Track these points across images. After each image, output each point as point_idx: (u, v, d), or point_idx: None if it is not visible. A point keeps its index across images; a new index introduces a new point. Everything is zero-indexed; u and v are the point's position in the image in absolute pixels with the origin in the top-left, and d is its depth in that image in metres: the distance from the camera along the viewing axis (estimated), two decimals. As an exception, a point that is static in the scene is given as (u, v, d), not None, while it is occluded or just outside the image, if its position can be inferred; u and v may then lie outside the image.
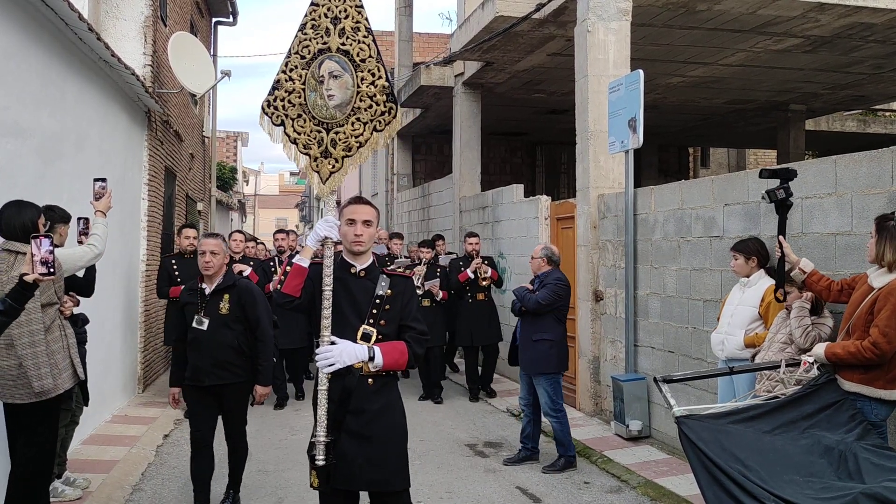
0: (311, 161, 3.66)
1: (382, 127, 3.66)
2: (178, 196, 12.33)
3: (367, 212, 3.58)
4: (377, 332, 3.51)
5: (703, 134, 18.22)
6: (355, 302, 3.53)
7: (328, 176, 3.67)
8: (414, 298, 3.66)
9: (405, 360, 3.52)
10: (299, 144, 3.66)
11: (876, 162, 4.76)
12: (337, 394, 3.42)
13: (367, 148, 3.66)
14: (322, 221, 3.53)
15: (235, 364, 5.10)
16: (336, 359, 3.37)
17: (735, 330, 5.45)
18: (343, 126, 3.64)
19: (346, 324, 3.49)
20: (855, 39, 10.38)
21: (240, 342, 5.11)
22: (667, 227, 7.05)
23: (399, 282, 3.63)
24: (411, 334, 3.58)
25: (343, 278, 3.53)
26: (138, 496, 5.85)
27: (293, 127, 3.65)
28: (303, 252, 3.58)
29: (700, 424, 3.95)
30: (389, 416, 3.55)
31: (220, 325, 5.07)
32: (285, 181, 72.45)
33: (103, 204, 5.18)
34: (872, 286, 4.12)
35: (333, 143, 3.64)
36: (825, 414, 4.02)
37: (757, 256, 5.47)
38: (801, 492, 3.48)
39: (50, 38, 6.05)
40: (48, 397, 4.30)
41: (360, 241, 3.54)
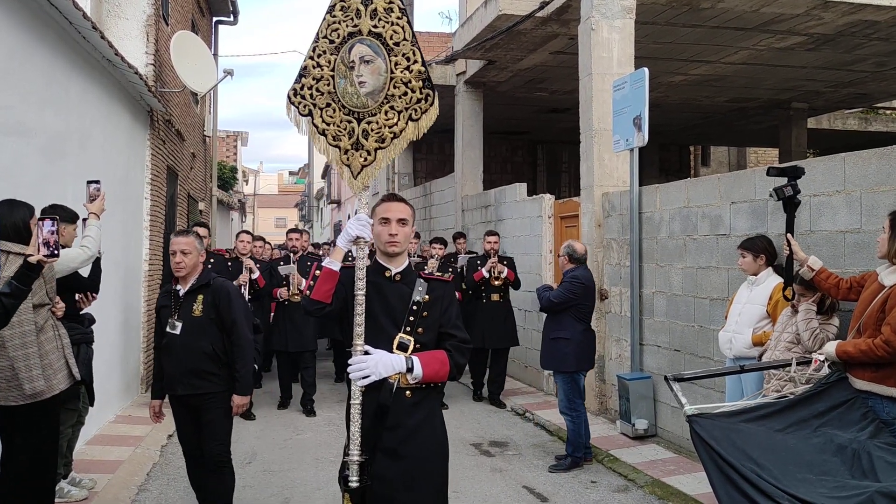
0: (341, 154, 3.36)
1: (419, 116, 3.37)
2: (180, 196, 12.30)
3: (401, 210, 3.32)
4: (414, 340, 3.24)
5: (704, 132, 18.21)
6: (391, 308, 3.27)
7: (360, 170, 3.36)
8: (454, 304, 3.40)
9: (446, 370, 3.25)
10: (328, 136, 3.36)
11: (885, 159, 4.74)
12: (372, 409, 3.14)
13: (403, 139, 3.36)
14: (354, 220, 3.24)
15: (211, 372, 4.66)
16: (371, 370, 3.10)
17: (743, 328, 5.44)
18: (376, 115, 3.35)
19: (380, 332, 3.22)
20: (858, 37, 10.38)
21: (215, 347, 4.65)
22: (672, 226, 7.03)
23: (437, 286, 3.38)
24: (452, 343, 3.31)
25: (377, 283, 3.27)
26: (144, 496, 5.83)
27: (321, 117, 3.35)
28: (333, 254, 3.29)
29: (711, 423, 3.92)
30: (429, 433, 3.28)
31: (193, 328, 4.64)
32: (284, 181, 72.46)
33: (97, 206, 5.18)
34: (883, 284, 4.10)
35: (365, 134, 3.36)
36: (837, 412, 4.00)
37: (765, 254, 5.45)
38: (814, 490, 3.46)
39: (54, 37, 6.03)
40: (42, 399, 4.24)
41: (395, 241, 3.28)
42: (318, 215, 46.31)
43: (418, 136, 3.37)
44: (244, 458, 6.74)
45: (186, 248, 4.70)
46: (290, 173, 73.61)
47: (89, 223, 5.08)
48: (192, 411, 4.74)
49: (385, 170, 19.29)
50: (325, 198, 38.34)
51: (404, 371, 3.15)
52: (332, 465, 6.65)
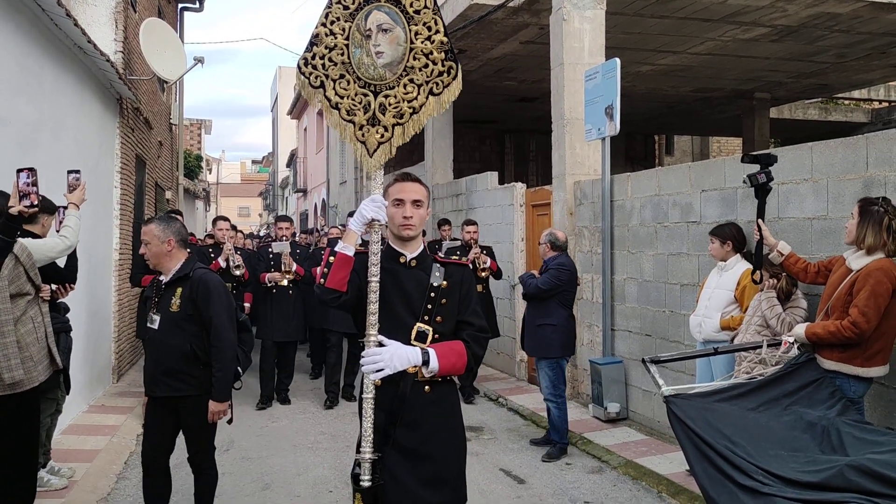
0: (356, 129, 3.11)
1: (440, 90, 3.13)
2: (148, 184, 12.21)
3: (416, 190, 3.10)
4: (433, 330, 3.04)
5: (669, 121, 18.48)
6: (407, 296, 3.06)
7: (376, 147, 3.12)
8: (472, 290, 3.20)
9: (464, 362, 3.04)
10: (342, 110, 3.11)
11: (851, 149, 4.91)
12: (387, 403, 2.97)
13: (422, 114, 3.12)
14: (368, 201, 3.01)
15: (188, 373, 4.29)
16: (386, 363, 2.89)
17: (712, 313, 5.61)
18: (394, 88, 3.11)
19: (397, 322, 3.02)
20: (820, 29, 10.63)
21: (194, 346, 4.28)
22: (644, 213, 7.18)
23: (455, 271, 3.18)
24: (469, 332, 3.12)
25: (391, 269, 3.06)
26: (123, 485, 5.84)
27: (335, 89, 3.10)
28: (346, 237, 3.06)
29: (687, 403, 4.05)
30: (449, 430, 3.10)
31: (170, 324, 4.30)
32: (247, 169, 71.85)
33: (77, 196, 5.10)
34: (851, 268, 4.26)
35: (382, 109, 3.11)
36: (806, 391, 4.16)
37: (732, 241, 5.62)
38: (786, 465, 3.60)
39: (27, 24, 5.97)
40: (21, 389, 4.23)
41: (409, 224, 3.07)
42: (282, 204, 46.00)
43: (439, 111, 3.17)
44: (222, 446, 6.76)
45: (146, 237, 4.39)
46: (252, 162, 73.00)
47: (68, 213, 5.05)
48: (171, 414, 4.40)
49: (353, 158, 19.29)
50: (291, 186, 38.10)
51: (420, 364, 2.96)
52: (310, 452, 6.73)
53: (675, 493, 5.51)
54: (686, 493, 5.45)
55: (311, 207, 29.97)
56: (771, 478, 3.53)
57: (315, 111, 27.21)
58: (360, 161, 3.11)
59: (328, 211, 24.48)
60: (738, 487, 3.55)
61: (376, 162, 3.14)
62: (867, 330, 4.07)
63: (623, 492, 5.68)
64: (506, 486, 5.84)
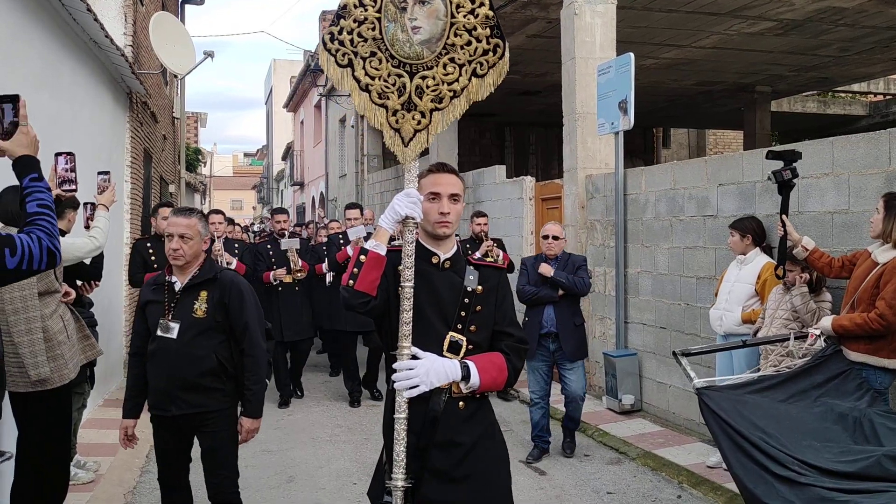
0: (389, 115, 2.78)
1: (485, 70, 2.81)
2: (154, 178, 12.20)
3: (453, 183, 2.79)
4: (467, 340, 2.75)
5: (670, 115, 18.54)
6: (440, 301, 2.76)
7: (412, 135, 2.79)
8: (509, 296, 2.92)
9: (504, 377, 2.76)
10: (372, 92, 2.76)
11: (874, 143, 4.98)
12: (418, 422, 2.66)
13: (464, 98, 2.81)
14: (402, 196, 2.68)
15: (214, 387, 3.79)
16: (421, 379, 2.61)
17: (733, 306, 5.67)
18: (432, 69, 2.78)
19: (428, 331, 2.72)
20: (825, 23, 10.70)
21: (220, 357, 3.79)
22: (658, 207, 7.24)
23: (490, 274, 2.88)
24: (509, 343, 2.83)
25: (423, 271, 2.74)
26: (147, 478, 5.87)
27: (364, 69, 2.76)
28: (377, 235, 2.71)
29: (719, 395, 4.13)
30: (489, 450, 2.79)
31: (194, 332, 3.77)
32: (239, 162, 71.68)
33: (107, 197, 5.11)
34: (877, 261, 4.33)
35: (419, 92, 2.78)
36: (834, 383, 4.23)
37: (752, 235, 5.68)
38: (821, 455, 3.67)
39: (48, 19, 5.98)
40: (50, 387, 4.24)
41: (446, 221, 2.75)
42: (278, 197, 45.93)
43: (483, 95, 2.84)
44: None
45: (188, 231, 3.78)
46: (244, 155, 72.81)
47: (98, 214, 5.06)
48: (185, 437, 3.91)
49: (354, 151, 19.31)
50: (287, 179, 38.05)
51: (458, 379, 2.67)
52: (330, 444, 6.78)
53: (696, 484, 5.58)
54: (707, 484, 5.52)
55: (309, 200, 29.95)
56: (807, 468, 3.60)
57: (312, 104, 27.15)
58: (392, 151, 2.80)
59: (327, 204, 24.47)
60: (774, 478, 3.62)
61: (412, 152, 2.81)
62: (894, 322, 4.14)
63: (644, 483, 5.75)
64: (528, 477, 5.90)
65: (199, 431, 3.85)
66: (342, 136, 22.00)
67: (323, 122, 24.83)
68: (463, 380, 2.68)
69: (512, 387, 2.98)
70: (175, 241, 3.76)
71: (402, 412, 2.65)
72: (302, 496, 5.55)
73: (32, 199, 2.79)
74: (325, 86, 21.03)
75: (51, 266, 2.74)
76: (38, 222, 2.72)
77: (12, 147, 2.71)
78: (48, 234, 2.71)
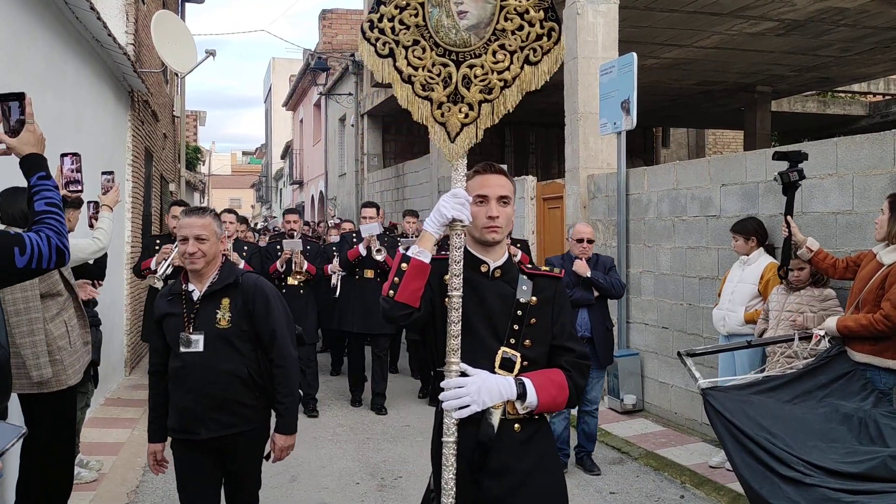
0: (434, 108, 2.57)
1: (538, 57, 2.56)
2: (154, 177, 12.20)
3: (502, 185, 2.58)
4: (521, 356, 2.52)
5: (670, 114, 18.55)
6: (490, 313, 2.54)
7: (458, 129, 2.57)
8: (567, 307, 2.68)
9: (565, 397, 2.53)
10: (415, 84, 2.55)
11: (878, 144, 4.98)
12: (468, 447, 2.45)
13: (516, 89, 2.58)
14: (448, 197, 2.46)
15: (245, 404, 3.43)
16: (472, 398, 2.39)
17: (736, 307, 5.68)
18: (480, 57, 2.56)
19: (478, 345, 2.51)
20: (826, 23, 10.70)
21: (250, 370, 3.43)
22: (661, 207, 7.25)
23: (546, 284, 2.63)
24: (569, 359, 2.59)
25: (471, 280, 2.52)
26: (151, 477, 5.87)
27: (406, 58, 2.56)
28: (421, 241, 2.49)
29: (724, 395, 4.13)
30: (546, 477, 2.57)
31: (218, 344, 3.42)
32: (237, 160, 71.59)
33: (111, 198, 5.08)
34: (882, 262, 4.33)
35: (466, 82, 2.56)
36: (839, 384, 4.24)
37: (756, 236, 5.69)
38: (826, 456, 3.68)
39: (52, 19, 5.97)
40: (50, 390, 4.22)
41: (495, 226, 2.53)
42: (276, 196, 45.90)
43: (538, 84, 2.59)
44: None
45: (203, 232, 3.43)
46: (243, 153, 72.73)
47: (102, 215, 5.04)
48: (214, 461, 3.51)
49: (354, 150, 19.29)
50: (286, 178, 38.02)
51: (514, 398, 2.45)
52: (332, 444, 6.78)
53: (699, 484, 5.59)
54: (710, 484, 5.53)
55: (308, 199, 29.93)
56: (812, 468, 3.61)
57: (312, 103, 27.14)
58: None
59: (326, 203, 24.46)
60: (780, 479, 3.63)
61: (459, 148, 2.58)
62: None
63: (647, 483, 5.76)
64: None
65: (228, 455, 3.48)
66: (342, 134, 21.99)
67: (322, 121, 24.82)
68: (518, 399, 2.46)
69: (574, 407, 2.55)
70: (191, 243, 3.41)
71: (451, 435, 2.43)
72: (304, 496, 5.55)
73: (40, 198, 2.79)
74: (325, 84, 21.02)
75: (60, 265, 2.74)
76: (47, 220, 2.72)
77: (19, 145, 2.71)
78: (57, 232, 2.71)
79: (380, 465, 6.19)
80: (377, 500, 5.45)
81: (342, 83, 20.12)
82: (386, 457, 6.41)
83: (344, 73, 19.69)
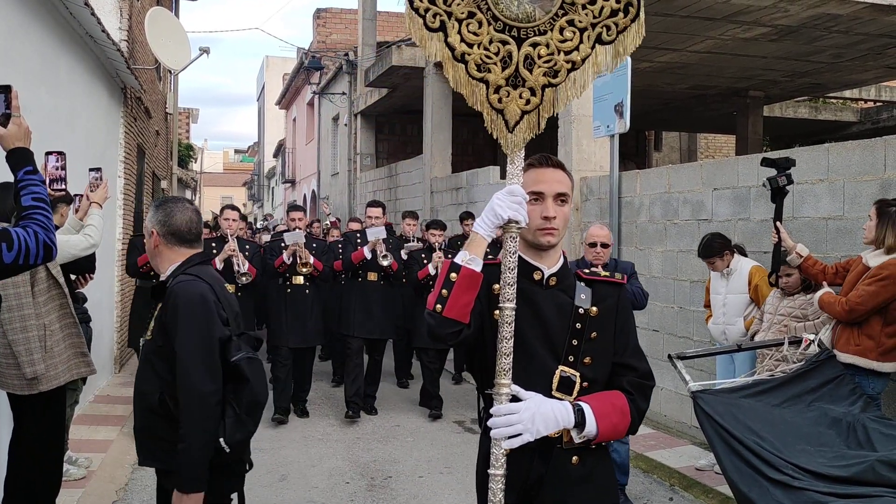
0: (490, 92, 2.22)
1: (612, 36, 2.24)
2: (146, 174, 12.18)
3: (560, 180, 2.27)
4: (581, 376, 2.23)
5: (663, 118, 18.60)
6: (545, 327, 2.24)
7: (518, 117, 2.23)
8: (631, 318, 2.41)
9: (627, 423, 2.23)
10: (470, 63, 2.20)
11: (869, 150, 5.02)
12: (519, 480, 2.20)
13: (586, 71, 2.25)
14: (504, 195, 2.14)
15: (160, 437, 2.87)
16: (525, 426, 2.09)
17: (733, 318, 5.64)
18: (546, 34, 2.22)
19: (532, 364, 2.22)
20: (819, 29, 10.75)
21: (165, 396, 2.85)
22: (653, 210, 7.27)
23: (607, 292, 2.33)
24: (632, 379, 2.30)
25: (524, 290, 2.21)
26: (140, 475, 5.86)
27: (460, 33, 2.20)
28: (470, 245, 2.15)
29: (714, 398, 4.15)
30: None
31: (143, 360, 3.01)
32: (230, 158, 71.42)
33: (99, 195, 5.04)
34: (868, 266, 4.39)
35: (529, 63, 2.22)
36: (828, 388, 4.27)
37: (727, 250, 5.62)
38: (814, 460, 3.71)
39: (46, 14, 5.95)
40: (41, 389, 4.21)
41: (551, 228, 2.23)
42: (268, 195, 45.82)
43: (612, 67, 2.28)
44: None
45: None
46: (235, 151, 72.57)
47: (91, 212, 5.01)
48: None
49: (347, 149, 19.28)
50: (279, 177, 37.97)
51: (571, 426, 2.16)
52: (322, 443, 6.78)
53: (688, 487, 5.61)
54: (698, 487, 5.56)
55: (301, 198, 29.90)
56: (800, 472, 3.64)
57: (305, 102, 27.11)
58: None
59: (318, 201, 24.44)
60: (768, 482, 3.65)
61: (518, 139, 2.23)
62: (857, 316, 4.29)
63: (636, 485, 5.78)
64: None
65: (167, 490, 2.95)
66: (335, 134, 21.97)
67: (316, 120, 24.79)
68: (576, 427, 2.16)
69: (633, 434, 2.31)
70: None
71: (500, 467, 2.13)
72: (294, 495, 5.55)
73: (27, 193, 2.78)
74: (319, 83, 21.00)
75: (47, 260, 2.73)
76: (34, 216, 2.71)
77: (5, 139, 2.70)
78: (44, 227, 2.69)
79: (370, 465, 6.19)
80: (367, 499, 5.46)
81: (336, 82, 20.10)
82: (376, 456, 6.42)
83: (338, 73, 19.68)
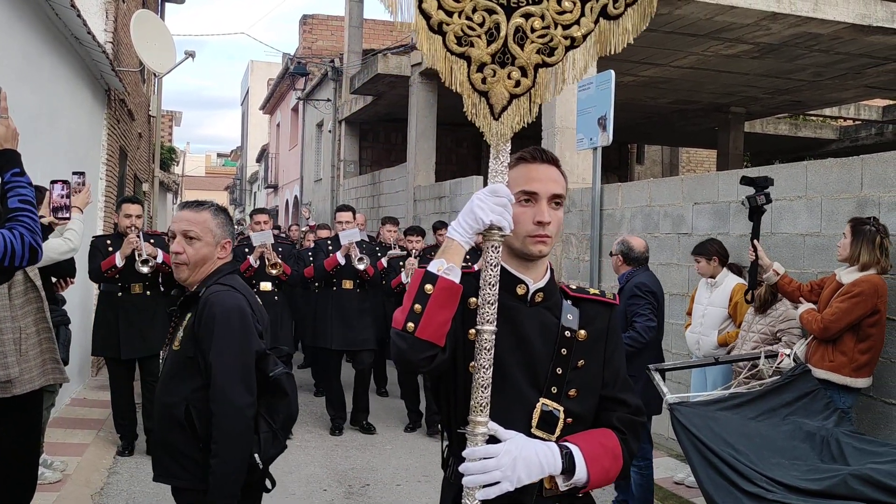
0: (473, 70, 1.84)
1: (620, 8, 1.92)
2: (128, 176, 12.12)
3: (555, 179, 1.94)
4: (565, 411, 1.90)
5: (645, 132, 18.76)
6: (528, 352, 1.90)
7: (506, 102, 1.87)
8: (621, 345, 2.05)
9: (618, 468, 1.91)
10: (448, 35, 1.82)
11: (846, 168, 5.10)
12: None
13: (586, 50, 1.90)
14: (485, 195, 1.82)
15: (183, 453, 2.74)
16: (505, 473, 1.75)
17: (708, 330, 5.72)
18: (540, 4, 1.86)
19: (509, 394, 1.88)
20: (801, 48, 10.91)
21: (192, 410, 2.70)
22: (634, 223, 7.34)
23: (597, 312, 2.00)
24: (622, 415, 1.98)
25: (504, 307, 1.86)
26: (115, 479, 5.84)
27: (439, 0, 1.82)
28: (446, 252, 1.83)
29: (691, 411, 4.19)
30: None
31: (170, 370, 2.84)
32: (212, 162, 71.12)
33: (81, 199, 5.02)
34: (842, 283, 4.46)
35: (519, 37, 1.85)
36: (802, 402, 4.33)
37: (717, 256, 5.70)
38: (788, 473, 3.75)
39: (31, 14, 5.93)
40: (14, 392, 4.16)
41: (543, 235, 1.90)
42: (250, 199, 45.66)
43: (619, 46, 1.94)
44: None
45: (193, 228, 2.80)
46: (217, 155, 72.29)
47: (73, 216, 4.99)
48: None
49: (331, 156, 19.26)
50: (261, 182, 37.85)
51: (558, 472, 1.82)
52: (299, 450, 6.76)
53: (664, 498, 5.65)
54: (674, 499, 5.60)
55: (283, 204, 29.83)
56: (774, 485, 3.68)
57: (289, 108, 27.09)
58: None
59: (300, 206, 24.40)
60: (742, 493, 3.69)
61: (505, 127, 1.88)
62: (830, 335, 4.39)
63: (612, 496, 5.80)
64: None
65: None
66: (319, 140, 21.96)
67: (300, 126, 24.77)
68: (564, 473, 1.82)
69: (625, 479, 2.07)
70: (174, 244, 2.82)
71: None
72: (271, 501, 5.50)
73: (14, 195, 2.78)
74: (304, 89, 20.99)
75: (32, 262, 2.73)
76: (20, 218, 2.71)
77: None
78: (30, 230, 2.70)
79: (347, 473, 6.19)
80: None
81: (321, 89, 20.10)
82: (354, 464, 6.41)
83: (323, 79, 19.68)
